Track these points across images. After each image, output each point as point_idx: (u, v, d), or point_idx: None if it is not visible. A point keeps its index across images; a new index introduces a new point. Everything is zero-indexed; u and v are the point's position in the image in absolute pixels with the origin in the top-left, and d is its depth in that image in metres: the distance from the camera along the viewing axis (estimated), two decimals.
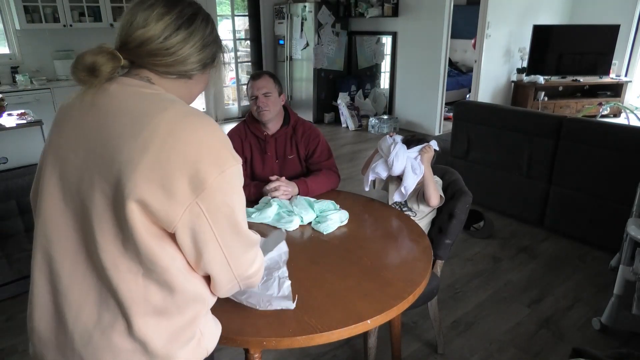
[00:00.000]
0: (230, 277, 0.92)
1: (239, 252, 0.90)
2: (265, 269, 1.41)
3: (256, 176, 2.13)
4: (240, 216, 0.88)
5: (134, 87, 0.87)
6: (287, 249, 1.43)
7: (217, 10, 6.50)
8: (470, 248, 3.11)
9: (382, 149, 1.98)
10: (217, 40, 0.96)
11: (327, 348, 2.16)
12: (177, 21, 0.87)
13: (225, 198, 0.85)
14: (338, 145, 5.61)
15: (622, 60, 6.60)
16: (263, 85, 2.03)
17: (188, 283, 0.88)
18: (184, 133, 0.82)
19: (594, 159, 2.95)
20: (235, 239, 0.89)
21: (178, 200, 0.80)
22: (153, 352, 0.86)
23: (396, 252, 1.64)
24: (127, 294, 0.84)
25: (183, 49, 0.88)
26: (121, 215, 0.80)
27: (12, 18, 4.92)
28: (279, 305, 1.21)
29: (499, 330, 2.29)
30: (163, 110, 0.84)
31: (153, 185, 0.79)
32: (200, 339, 0.94)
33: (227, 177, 0.84)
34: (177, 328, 0.89)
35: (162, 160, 0.79)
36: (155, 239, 0.82)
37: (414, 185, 1.91)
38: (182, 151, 0.81)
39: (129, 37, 0.86)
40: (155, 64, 0.89)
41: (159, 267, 0.84)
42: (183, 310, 0.89)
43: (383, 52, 6.52)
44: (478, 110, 3.68)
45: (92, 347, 0.86)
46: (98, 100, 0.86)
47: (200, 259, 0.86)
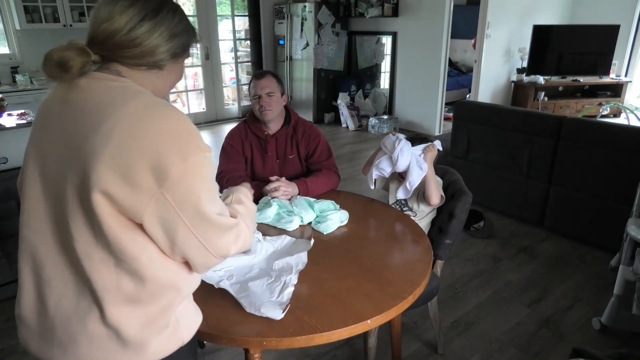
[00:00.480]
0: (210, 259, 0.92)
1: (214, 237, 0.90)
2: (277, 270, 1.41)
3: (256, 176, 2.13)
4: (208, 204, 0.88)
5: (102, 81, 0.89)
6: (307, 260, 1.43)
7: (217, 10, 6.50)
8: (470, 248, 3.11)
9: (386, 146, 1.97)
10: (188, 30, 0.97)
11: (327, 348, 2.16)
12: (141, 13, 0.88)
13: (191, 187, 0.85)
14: (338, 145, 5.61)
15: (622, 61, 6.60)
16: (266, 85, 2.03)
17: (161, 272, 0.90)
18: (146, 123, 0.83)
19: (594, 159, 2.95)
20: (207, 226, 0.88)
21: (142, 190, 0.81)
22: (126, 339, 0.89)
23: (396, 252, 1.64)
24: (100, 283, 0.86)
25: (149, 39, 0.89)
26: (88, 207, 0.82)
27: (12, 18, 4.92)
28: (266, 313, 1.20)
29: (499, 330, 2.29)
30: (127, 101, 0.85)
31: (116, 177, 0.80)
32: (175, 327, 0.95)
33: (190, 165, 0.84)
34: (150, 316, 0.91)
35: (124, 151, 0.81)
36: (124, 229, 0.84)
37: (419, 180, 1.90)
38: (144, 141, 0.82)
39: (96, 32, 0.88)
40: (123, 57, 0.89)
41: (128, 257, 0.85)
42: (156, 299, 0.90)
43: (383, 52, 6.52)
44: (478, 110, 3.68)
45: (70, 332, 0.89)
46: (70, 96, 0.89)
47: (174, 246, 0.88)
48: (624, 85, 6.49)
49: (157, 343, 0.92)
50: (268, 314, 1.20)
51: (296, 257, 1.44)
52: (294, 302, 1.27)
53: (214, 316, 1.21)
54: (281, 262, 1.44)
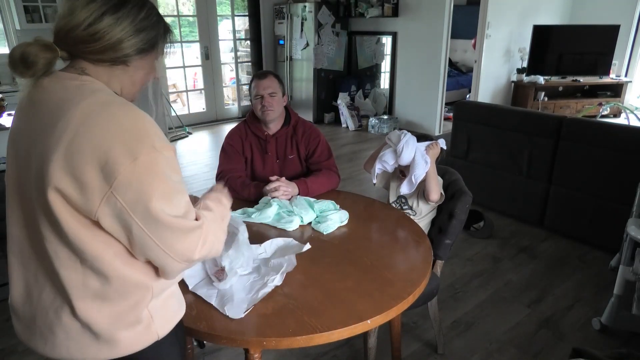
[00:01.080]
0: (174, 264, 0.89)
1: (173, 240, 0.87)
2: (268, 269, 1.41)
3: (256, 176, 2.13)
4: (162, 206, 0.84)
5: (62, 81, 0.89)
6: (295, 263, 1.43)
7: (217, 10, 6.50)
8: (470, 248, 3.11)
9: (392, 139, 1.97)
10: (156, 26, 0.95)
11: (327, 348, 2.16)
12: (102, 7, 0.87)
13: (142, 187, 0.82)
14: (338, 145, 5.61)
15: (622, 61, 6.60)
16: (268, 85, 2.03)
17: (125, 271, 0.89)
18: (96, 122, 0.83)
19: (594, 159, 2.95)
20: (163, 229, 0.85)
21: (92, 190, 0.81)
22: (97, 333, 0.91)
23: (396, 252, 1.64)
24: (68, 279, 0.88)
25: (110, 34, 0.88)
26: (46, 206, 0.83)
27: (12, 18, 4.92)
28: (227, 311, 1.21)
29: (499, 330, 2.29)
30: (80, 100, 0.85)
31: (67, 175, 0.81)
32: (149, 323, 0.95)
33: (140, 165, 0.82)
34: (120, 312, 0.92)
35: (74, 151, 0.81)
36: (85, 227, 0.84)
37: (424, 174, 1.89)
38: (93, 140, 0.81)
39: (58, 27, 0.88)
40: (85, 52, 0.89)
41: (89, 256, 0.86)
42: (124, 296, 0.91)
43: (383, 52, 6.52)
44: (478, 110, 3.68)
45: (48, 324, 0.92)
46: (35, 96, 0.90)
47: (133, 246, 0.87)
48: (624, 85, 6.49)
49: (128, 337, 0.93)
50: (229, 312, 1.21)
51: (287, 259, 1.43)
52: (293, 302, 1.28)
53: (214, 316, 1.21)
54: (276, 261, 1.44)
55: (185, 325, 1.18)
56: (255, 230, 1.73)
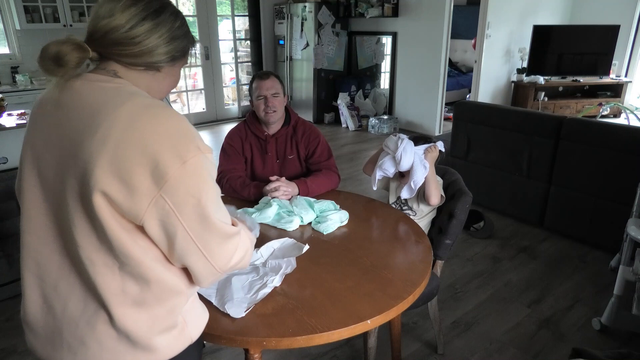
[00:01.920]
0: (210, 270, 0.90)
1: (214, 244, 0.88)
2: (267, 269, 1.41)
3: (256, 176, 2.13)
4: (210, 207, 0.86)
5: (96, 83, 0.88)
6: (295, 265, 1.43)
7: (217, 10, 6.50)
8: (470, 248, 3.11)
9: (389, 146, 1.97)
10: (187, 35, 0.98)
11: (327, 348, 2.16)
12: (143, 12, 0.88)
13: (191, 189, 0.83)
14: (338, 146, 5.61)
15: (622, 61, 6.60)
16: (271, 86, 2.02)
17: (164, 275, 0.89)
18: (142, 125, 0.82)
19: (594, 159, 2.95)
20: (208, 232, 0.86)
21: (141, 193, 0.80)
22: (135, 340, 0.89)
23: (396, 252, 1.64)
24: (105, 286, 0.86)
25: (149, 39, 0.89)
26: (90, 211, 0.82)
27: (12, 18, 4.92)
28: (228, 310, 1.21)
29: (499, 330, 2.29)
30: (122, 103, 0.84)
31: (115, 179, 0.80)
32: (183, 327, 0.95)
33: (189, 167, 0.83)
34: (158, 317, 0.91)
35: (121, 155, 0.80)
36: (126, 232, 0.83)
37: (423, 179, 1.90)
38: (141, 143, 0.81)
39: (95, 27, 0.87)
40: (121, 54, 0.89)
41: (132, 260, 0.85)
42: (162, 301, 0.90)
43: (383, 52, 6.52)
44: (478, 110, 3.68)
45: (78, 336, 0.89)
46: (64, 98, 0.88)
47: (172, 251, 0.86)
48: (624, 85, 6.49)
49: (166, 343, 0.92)
50: (229, 311, 1.21)
51: (287, 261, 1.43)
52: (293, 302, 1.28)
53: (213, 316, 1.21)
54: (274, 262, 1.44)
55: None
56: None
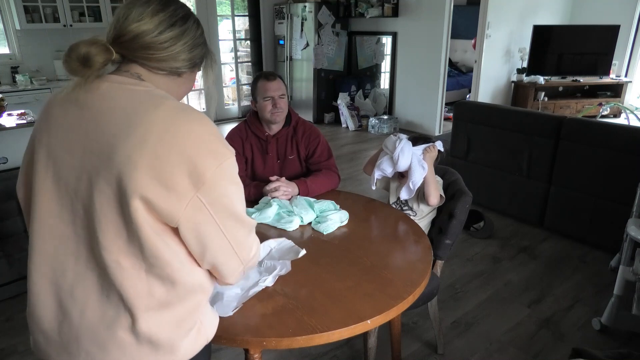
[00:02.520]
0: (237, 263, 0.96)
1: (242, 237, 0.95)
2: (262, 270, 1.41)
3: (257, 176, 2.13)
4: (239, 205, 0.92)
5: (125, 85, 0.88)
6: (290, 268, 1.42)
7: (217, 10, 6.50)
8: (470, 248, 3.11)
9: (387, 146, 1.97)
10: (206, 43, 1.01)
11: (327, 348, 2.16)
12: (171, 19, 0.90)
13: (225, 190, 0.88)
14: (338, 146, 5.61)
15: (622, 61, 6.60)
16: (279, 87, 2.03)
17: (190, 274, 0.92)
18: (180, 129, 0.84)
19: (594, 159, 2.95)
20: (238, 227, 0.93)
21: (179, 195, 0.83)
22: (158, 343, 0.89)
23: (396, 252, 1.64)
24: (131, 289, 0.86)
25: (175, 45, 0.91)
26: (126, 214, 0.82)
27: (12, 18, 4.92)
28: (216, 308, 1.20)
29: (499, 330, 2.29)
30: (156, 107, 0.85)
31: (154, 182, 0.81)
32: (200, 327, 0.97)
33: (224, 169, 0.87)
34: (180, 318, 0.92)
35: (161, 157, 0.81)
36: (159, 234, 0.85)
37: (422, 179, 1.90)
38: (180, 147, 0.83)
39: (124, 30, 0.88)
40: (147, 58, 0.90)
41: (161, 262, 0.86)
42: (185, 301, 0.92)
43: (383, 52, 6.52)
44: (478, 110, 3.68)
45: (98, 342, 0.88)
46: (90, 101, 0.87)
47: (205, 250, 0.90)
48: (624, 85, 6.49)
49: (186, 343, 0.94)
50: (217, 310, 1.20)
51: (282, 263, 1.43)
52: (293, 302, 1.28)
53: None
54: (269, 262, 1.44)
55: None
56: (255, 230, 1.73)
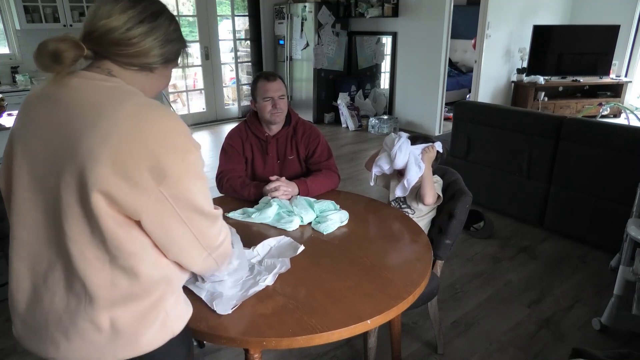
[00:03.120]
0: (200, 252, 0.97)
1: (205, 228, 0.96)
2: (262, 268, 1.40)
3: (257, 176, 2.13)
4: (202, 199, 0.93)
5: (94, 81, 0.90)
6: (290, 266, 1.42)
7: (217, 10, 6.50)
8: (470, 248, 3.11)
9: (387, 144, 1.99)
10: (181, 39, 1.02)
11: (327, 348, 2.16)
12: (141, 15, 0.91)
13: (188, 184, 0.89)
14: (338, 146, 5.61)
15: (622, 61, 6.60)
16: (279, 88, 2.03)
17: (155, 266, 0.93)
18: (144, 124, 0.86)
19: (594, 159, 2.95)
20: (201, 219, 0.94)
21: (141, 189, 0.84)
22: (118, 333, 0.91)
23: (396, 252, 1.64)
24: (95, 280, 0.88)
25: (145, 41, 0.92)
26: (87, 207, 0.83)
27: (12, 18, 4.92)
28: (215, 307, 1.22)
29: (499, 330, 2.29)
30: (122, 102, 0.87)
31: (116, 177, 0.82)
32: (165, 320, 0.97)
33: (188, 164, 0.89)
34: (143, 310, 0.92)
35: (123, 152, 0.83)
36: (122, 226, 0.86)
37: (416, 179, 1.91)
38: (143, 142, 0.84)
39: (94, 27, 0.90)
40: (117, 54, 0.92)
41: (125, 253, 0.88)
42: (149, 293, 0.93)
43: (383, 52, 6.52)
44: (478, 110, 3.68)
45: (62, 329, 0.91)
46: (61, 96, 0.90)
47: (169, 242, 0.92)
48: (624, 85, 6.49)
49: (148, 335, 0.94)
50: (217, 308, 1.22)
51: (281, 261, 1.43)
52: (293, 302, 1.28)
53: (214, 316, 1.21)
54: (269, 261, 1.44)
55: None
56: (255, 230, 1.73)
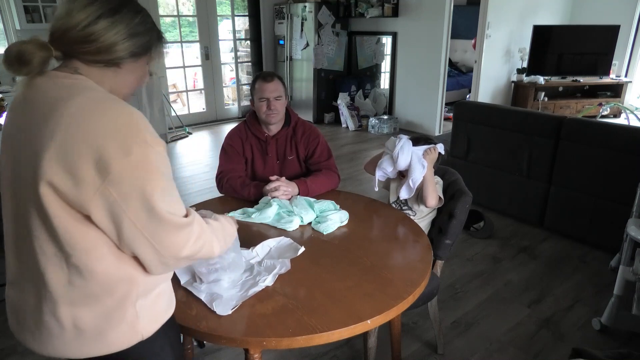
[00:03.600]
0: (160, 259, 0.90)
1: (162, 235, 0.88)
2: (261, 268, 1.40)
3: (257, 177, 2.13)
4: (156, 199, 0.86)
5: (57, 79, 0.91)
6: (290, 267, 1.42)
7: (217, 10, 6.50)
8: (470, 248, 3.11)
9: (388, 146, 1.98)
10: (150, 31, 0.98)
11: (327, 348, 2.16)
12: (99, 11, 0.89)
13: (136, 182, 0.84)
14: (338, 146, 5.61)
15: (622, 61, 6.60)
16: (275, 89, 2.01)
17: (114, 265, 0.91)
18: (90, 118, 0.85)
19: (594, 159, 2.95)
20: (155, 223, 0.87)
21: (86, 184, 0.83)
22: (82, 330, 0.91)
23: (396, 252, 1.64)
24: (53, 277, 0.89)
25: (105, 36, 0.90)
26: (38, 199, 0.84)
27: (12, 18, 4.92)
28: (215, 307, 1.22)
29: (499, 330, 2.29)
30: (73, 97, 0.87)
31: (61, 170, 0.82)
32: (134, 322, 0.94)
33: (133, 160, 0.84)
34: (106, 309, 0.92)
35: (68, 145, 0.83)
36: (75, 221, 0.86)
37: (421, 177, 1.89)
38: (87, 135, 0.83)
39: (55, 27, 0.90)
40: (81, 52, 0.91)
41: (78, 251, 0.87)
42: (110, 292, 0.92)
43: (383, 52, 6.52)
44: (478, 110, 3.68)
45: (34, 321, 0.93)
46: (30, 95, 0.92)
47: (121, 240, 0.88)
48: (624, 85, 6.49)
49: (113, 335, 0.93)
50: (216, 308, 1.22)
51: (281, 262, 1.43)
52: (293, 302, 1.28)
53: (214, 316, 1.21)
54: (269, 262, 1.44)
55: (185, 326, 1.18)
56: (255, 230, 1.74)
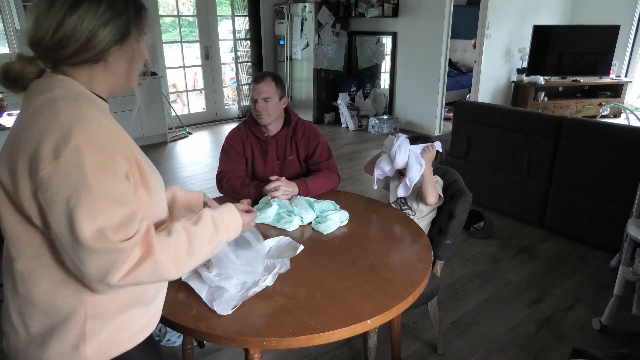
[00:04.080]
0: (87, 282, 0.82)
1: (83, 256, 0.77)
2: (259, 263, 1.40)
3: (257, 177, 2.14)
4: (79, 215, 0.75)
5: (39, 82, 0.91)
6: (289, 266, 1.42)
7: (217, 10, 6.50)
8: (470, 248, 3.11)
9: (386, 145, 2.00)
10: (122, 14, 0.88)
11: (327, 348, 2.16)
12: (61, 11, 0.83)
13: (60, 191, 0.76)
14: (338, 146, 5.61)
15: (622, 61, 6.60)
16: (264, 90, 2.02)
17: (60, 276, 0.86)
18: (37, 117, 0.83)
19: (594, 159, 2.95)
20: (74, 241, 0.76)
21: (22, 184, 0.80)
22: (29, 334, 0.91)
23: (396, 252, 1.64)
24: (6, 279, 0.91)
25: (77, 35, 0.84)
26: None
27: (12, 18, 4.92)
28: (215, 307, 1.22)
29: (499, 330, 2.29)
30: (34, 98, 0.87)
31: (6, 169, 0.83)
32: (76, 344, 0.88)
33: (61, 166, 0.76)
34: (51, 322, 0.89)
35: (15, 145, 0.83)
36: (21, 225, 0.85)
37: (418, 176, 1.90)
38: (29, 134, 0.81)
39: (29, 41, 0.87)
40: (61, 58, 0.87)
41: (24, 257, 0.87)
42: (54, 306, 0.87)
43: (383, 52, 6.52)
44: (478, 110, 3.68)
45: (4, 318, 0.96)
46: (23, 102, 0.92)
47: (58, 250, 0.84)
48: (624, 85, 6.49)
49: (54, 351, 0.89)
50: (217, 308, 1.22)
51: (281, 261, 1.43)
52: (293, 302, 1.28)
53: (214, 316, 1.21)
54: (269, 262, 1.44)
55: (185, 326, 1.18)
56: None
